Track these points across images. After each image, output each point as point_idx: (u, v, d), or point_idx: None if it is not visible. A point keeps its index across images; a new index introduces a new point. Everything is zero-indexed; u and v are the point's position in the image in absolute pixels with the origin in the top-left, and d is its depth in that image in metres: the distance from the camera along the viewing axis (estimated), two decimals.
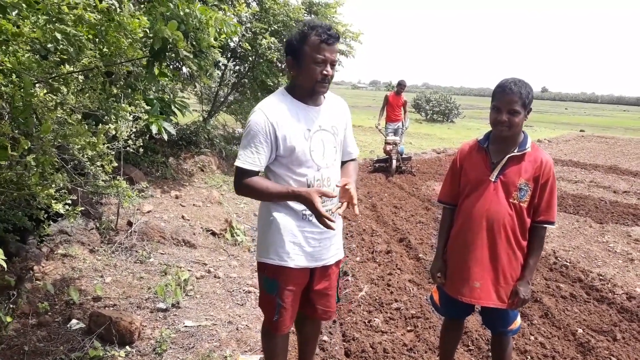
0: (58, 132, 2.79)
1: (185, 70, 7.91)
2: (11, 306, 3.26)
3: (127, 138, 4.01)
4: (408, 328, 3.70)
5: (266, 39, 7.97)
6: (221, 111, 9.89)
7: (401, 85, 10.29)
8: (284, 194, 2.17)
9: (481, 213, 2.42)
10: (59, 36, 2.34)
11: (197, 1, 3.01)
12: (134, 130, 3.99)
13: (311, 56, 2.15)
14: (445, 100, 28.46)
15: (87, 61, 2.83)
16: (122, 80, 3.47)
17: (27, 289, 3.50)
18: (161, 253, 4.62)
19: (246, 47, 8.04)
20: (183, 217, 5.47)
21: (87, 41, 2.57)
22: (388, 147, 10.04)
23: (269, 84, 8.79)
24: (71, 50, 2.46)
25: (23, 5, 2.23)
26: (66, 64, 2.77)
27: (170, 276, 4.09)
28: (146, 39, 2.76)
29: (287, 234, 2.27)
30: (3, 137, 2.46)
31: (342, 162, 2.50)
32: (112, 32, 2.63)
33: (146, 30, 2.67)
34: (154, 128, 4.99)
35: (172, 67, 5.29)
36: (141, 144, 4.17)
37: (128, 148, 4.18)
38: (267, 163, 2.26)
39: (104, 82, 3.18)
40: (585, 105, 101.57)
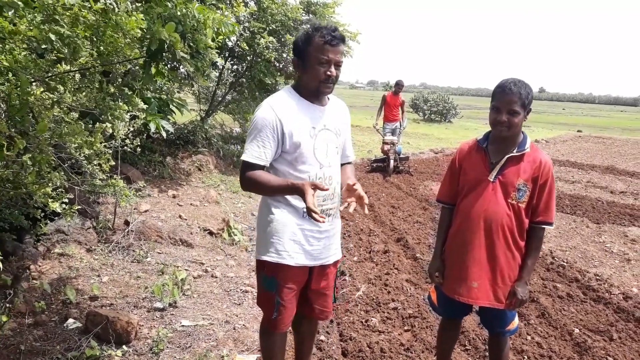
0: (54, 131, 2.78)
1: (182, 70, 7.90)
2: (7, 305, 3.25)
3: (125, 137, 4.00)
4: (405, 328, 3.70)
5: (264, 39, 7.97)
6: (219, 111, 9.88)
7: (399, 85, 10.30)
8: (284, 187, 2.18)
9: (479, 213, 2.42)
10: (53, 37, 2.33)
11: (195, 0, 3.00)
12: (132, 129, 3.97)
13: (315, 57, 2.18)
14: (442, 100, 28.51)
15: (84, 60, 2.81)
16: (120, 79, 3.46)
17: (24, 288, 3.49)
18: (158, 252, 4.61)
19: (244, 47, 8.04)
20: (180, 217, 5.47)
21: (85, 39, 2.56)
22: (386, 147, 10.05)
23: (267, 84, 8.79)
24: (66, 51, 2.45)
25: (20, 4, 2.22)
26: (63, 63, 2.76)
27: (167, 276, 4.08)
28: (143, 39, 2.75)
29: (287, 232, 2.28)
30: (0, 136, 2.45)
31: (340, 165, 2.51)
32: (109, 32, 2.62)
33: (143, 30, 2.66)
34: (152, 126, 4.98)
35: (170, 67, 5.27)
36: (138, 143, 4.16)
37: (125, 147, 4.17)
38: (273, 159, 2.27)
39: (101, 81, 3.17)
40: (582, 105, 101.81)
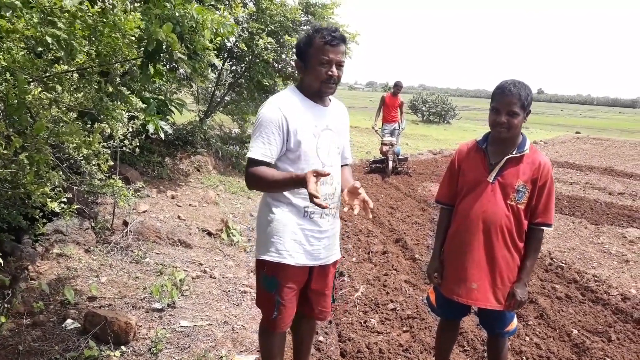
0: (52, 130, 2.77)
1: (182, 70, 7.89)
2: (6, 306, 3.24)
3: (123, 137, 4.00)
4: (404, 328, 3.70)
5: (263, 40, 7.96)
6: (218, 111, 9.87)
7: (398, 86, 10.31)
8: (287, 179, 2.16)
9: (478, 214, 2.42)
10: (50, 40, 2.32)
11: (194, 1, 3.00)
12: (130, 129, 3.97)
13: (316, 58, 2.20)
14: (441, 101, 28.55)
15: (82, 60, 2.81)
16: (118, 79, 3.46)
17: (22, 289, 3.48)
18: (157, 253, 4.60)
19: (243, 48, 8.03)
20: (179, 217, 5.46)
21: (83, 38, 2.56)
22: (384, 148, 10.05)
23: (265, 85, 8.78)
24: (62, 54, 2.45)
25: (18, 4, 2.22)
26: (60, 63, 2.76)
27: (166, 276, 4.08)
28: (141, 40, 2.75)
29: (288, 232, 2.28)
30: None
31: None
32: (107, 32, 2.62)
33: (141, 29, 2.65)
34: (151, 127, 4.98)
35: (168, 68, 5.28)
36: (137, 144, 4.16)
37: (124, 147, 4.17)
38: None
39: (100, 81, 3.17)
40: (581, 107, 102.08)
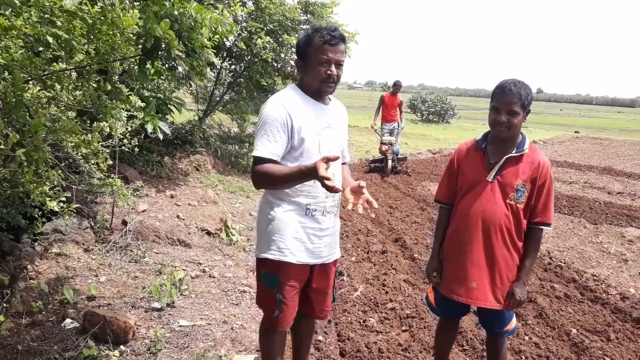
0: (50, 128, 2.77)
1: (181, 69, 7.88)
2: (5, 305, 3.23)
3: (122, 137, 4.00)
4: (403, 328, 3.70)
5: (262, 39, 7.95)
6: (217, 110, 9.86)
7: (397, 85, 10.31)
8: (296, 172, 2.13)
9: (477, 213, 2.42)
10: (51, 39, 2.32)
11: (192, 0, 2.99)
12: (129, 129, 3.97)
13: (316, 57, 2.21)
14: (440, 101, 28.57)
15: (80, 59, 2.81)
16: (116, 77, 3.46)
17: (21, 288, 3.48)
18: (156, 252, 4.60)
19: (242, 47, 8.02)
20: (178, 217, 5.46)
21: (82, 37, 2.55)
22: (384, 148, 10.05)
23: (264, 84, 8.78)
24: (62, 54, 2.45)
25: (16, 2, 2.22)
26: (59, 61, 2.76)
27: (165, 275, 4.08)
28: (139, 37, 2.74)
29: (289, 230, 2.28)
30: None
31: None
32: (105, 30, 2.61)
33: (138, 28, 2.65)
34: (149, 127, 4.98)
35: (168, 66, 5.27)
36: (136, 143, 4.16)
37: (123, 147, 4.16)
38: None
39: (98, 80, 3.17)
40: (580, 106, 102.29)
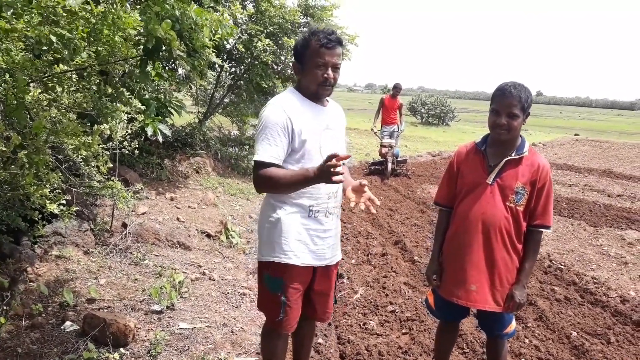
0: (51, 130, 2.77)
1: (181, 71, 7.89)
2: (5, 308, 3.23)
3: (122, 139, 4.00)
4: (403, 331, 3.69)
5: (262, 42, 7.97)
6: (217, 113, 9.87)
7: (397, 88, 10.32)
8: (301, 174, 2.13)
9: (477, 216, 2.42)
10: (54, 39, 2.33)
11: (193, 3, 3.01)
12: (129, 131, 3.98)
13: (312, 60, 2.23)
14: (440, 103, 28.60)
15: (81, 60, 2.82)
16: (117, 79, 3.46)
17: (21, 291, 3.48)
18: (156, 255, 4.60)
19: (242, 49, 8.03)
20: (178, 219, 5.46)
21: (82, 40, 2.56)
22: (384, 150, 10.05)
23: (264, 86, 8.79)
24: (65, 53, 2.45)
25: (18, 4, 2.22)
26: (60, 63, 2.76)
27: (165, 278, 4.07)
28: (139, 38, 2.75)
29: (293, 232, 2.28)
30: None
31: None
32: (106, 31, 2.62)
33: (139, 28, 2.66)
34: (150, 129, 4.98)
35: (168, 69, 5.28)
36: (136, 146, 4.16)
37: (123, 149, 4.17)
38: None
39: (99, 82, 3.17)
40: (579, 109, 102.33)
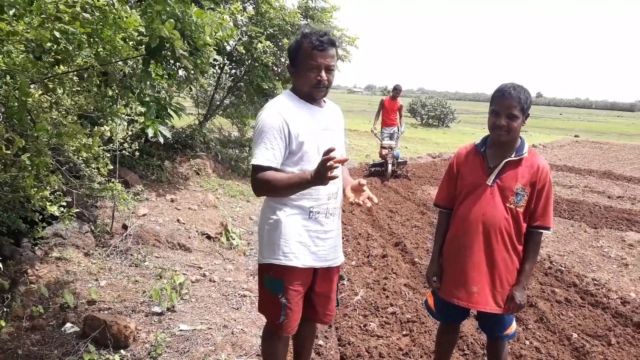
0: (53, 132, 2.78)
1: (181, 73, 7.89)
2: (5, 309, 3.23)
3: (123, 141, 4.01)
4: (404, 332, 3.69)
5: (262, 43, 7.97)
6: (217, 115, 9.88)
7: (397, 89, 10.32)
8: (299, 176, 2.14)
9: (477, 217, 2.42)
10: (58, 34, 2.33)
11: (193, 4, 3.02)
12: (130, 133, 3.98)
13: (305, 63, 2.22)
14: (440, 105, 28.64)
15: (82, 61, 2.82)
16: (118, 81, 3.47)
17: (21, 292, 3.48)
18: (156, 256, 4.60)
19: (242, 51, 8.04)
20: (178, 221, 5.46)
21: (83, 42, 2.57)
22: (384, 152, 10.05)
23: (265, 88, 8.79)
24: (70, 48, 2.45)
25: (20, 3, 2.23)
26: (61, 65, 2.76)
27: (165, 280, 4.07)
28: (142, 38, 2.75)
29: (293, 234, 2.28)
30: None
31: None
32: (107, 31, 2.63)
33: (142, 25, 2.66)
34: (150, 131, 4.99)
35: (168, 72, 5.28)
36: (137, 147, 4.17)
37: (124, 151, 4.17)
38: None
39: (100, 84, 3.18)
40: (579, 110, 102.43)
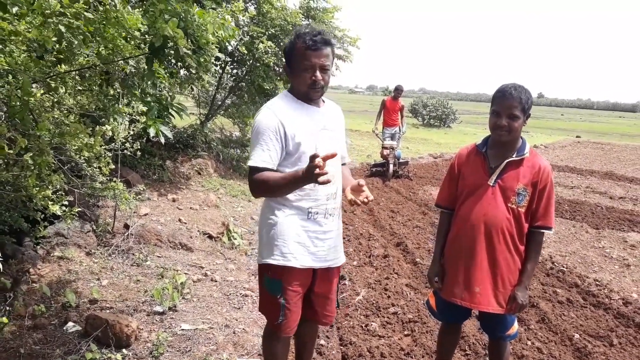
0: (55, 132, 2.78)
1: (182, 72, 7.90)
2: (7, 308, 3.24)
3: (124, 141, 4.01)
4: (405, 332, 3.69)
5: (263, 43, 7.98)
6: (219, 115, 9.89)
7: (398, 90, 10.31)
8: (292, 178, 2.12)
9: (479, 217, 2.42)
10: (63, 29, 2.33)
11: (195, 4, 3.02)
12: (131, 133, 3.99)
13: (299, 63, 2.21)
14: (442, 105, 28.64)
15: (84, 60, 2.83)
16: (120, 80, 3.48)
17: (23, 291, 3.48)
18: (158, 256, 4.60)
19: (243, 51, 8.05)
20: (180, 220, 5.46)
21: (82, 42, 2.57)
22: (385, 152, 10.05)
23: (266, 88, 8.80)
24: (75, 43, 2.45)
25: (23, 1, 2.23)
26: (62, 64, 2.77)
27: (167, 279, 4.08)
28: (145, 36, 2.76)
29: (292, 234, 2.28)
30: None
31: None
32: (109, 30, 2.63)
33: (144, 24, 2.67)
34: (152, 131, 4.99)
35: (170, 72, 5.28)
36: (138, 147, 4.17)
37: (125, 150, 4.18)
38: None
39: (101, 83, 3.18)
40: (581, 111, 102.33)
